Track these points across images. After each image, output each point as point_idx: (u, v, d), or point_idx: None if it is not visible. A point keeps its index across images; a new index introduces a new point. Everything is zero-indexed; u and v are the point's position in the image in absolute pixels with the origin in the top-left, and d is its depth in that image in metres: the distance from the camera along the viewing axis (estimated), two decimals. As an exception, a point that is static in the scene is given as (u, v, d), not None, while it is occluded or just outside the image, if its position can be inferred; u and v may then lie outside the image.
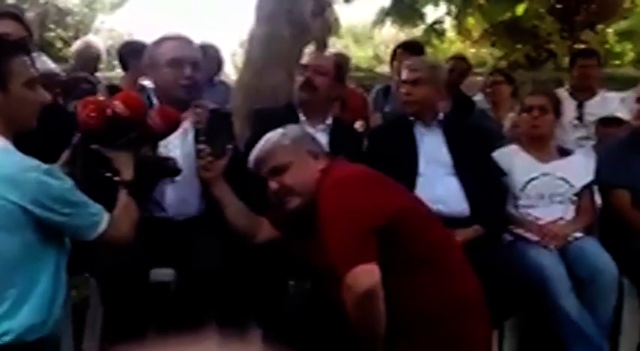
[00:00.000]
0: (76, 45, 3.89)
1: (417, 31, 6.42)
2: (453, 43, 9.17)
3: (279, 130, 1.82)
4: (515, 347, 2.24)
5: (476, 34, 8.20)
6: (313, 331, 1.73)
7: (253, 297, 1.99)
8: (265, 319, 1.95)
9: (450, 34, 7.56)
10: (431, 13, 6.18)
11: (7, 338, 1.37)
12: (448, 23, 6.50)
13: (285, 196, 1.72)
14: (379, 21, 6.05)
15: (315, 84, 2.35)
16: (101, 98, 1.77)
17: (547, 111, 2.49)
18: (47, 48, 7.66)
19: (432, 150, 2.36)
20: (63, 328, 1.74)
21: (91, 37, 4.71)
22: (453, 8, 6.01)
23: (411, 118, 2.42)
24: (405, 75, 2.42)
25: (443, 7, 6.05)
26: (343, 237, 1.50)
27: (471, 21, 6.56)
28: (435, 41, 6.47)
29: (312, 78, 2.34)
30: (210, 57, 3.86)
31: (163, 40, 2.12)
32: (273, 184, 1.74)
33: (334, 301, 1.56)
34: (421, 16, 6.01)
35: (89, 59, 3.72)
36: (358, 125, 3.28)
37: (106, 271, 1.84)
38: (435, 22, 6.26)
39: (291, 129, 1.84)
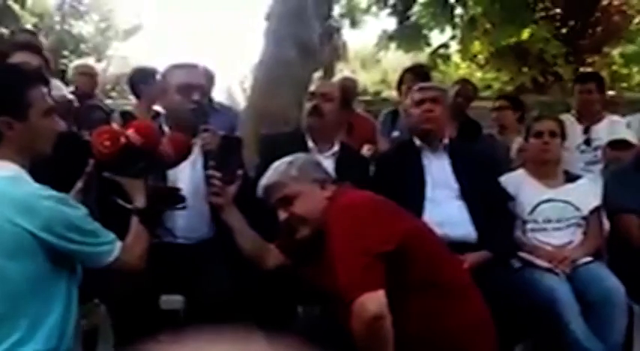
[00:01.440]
0: (75, 67, 3.92)
1: (423, 56, 6.49)
2: (458, 68, 9.25)
3: (287, 159, 1.84)
4: (525, 373, 2.22)
5: (481, 58, 8.27)
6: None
7: (262, 322, 1.99)
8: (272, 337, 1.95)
9: (456, 58, 7.64)
10: (436, 37, 6.26)
11: (17, 368, 1.38)
12: (454, 48, 6.58)
13: (294, 225, 1.75)
14: (383, 45, 6.11)
15: (322, 110, 2.39)
16: (115, 127, 1.81)
17: (556, 135, 2.52)
18: (62, 75, 7.80)
19: (439, 175, 2.38)
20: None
21: (92, 61, 4.80)
22: (458, 33, 6.09)
23: (418, 144, 2.45)
24: (421, 94, 2.43)
25: (448, 32, 6.13)
26: (350, 264, 1.52)
27: (476, 45, 6.64)
28: (442, 66, 6.54)
29: (319, 105, 2.39)
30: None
31: (173, 67, 2.21)
32: (283, 214, 1.77)
33: (342, 325, 1.57)
34: (426, 41, 6.08)
35: (88, 81, 3.76)
36: (366, 150, 3.31)
37: (117, 298, 1.86)
38: (440, 46, 6.33)
39: (298, 158, 1.86)
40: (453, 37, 6.12)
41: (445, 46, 6.29)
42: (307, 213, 1.73)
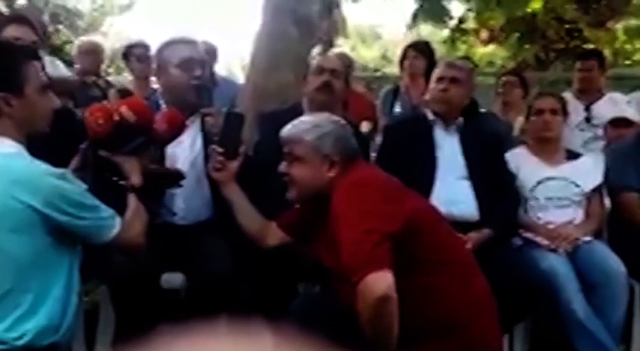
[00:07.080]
0: (80, 45, 3.77)
1: (425, 30, 6.46)
2: (463, 43, 9.12)
3: (316, 121, 1.76)
4: (526, 352, 2.22)
5: (485, 35, 8.16)
6: (322, 334, 1.72)
7: (262, 300, 1.99)
8: (274, 321, 1.95)
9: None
10: (455, 9, 6.29)
11: (21, 342, 1.39)
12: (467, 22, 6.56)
13: (286, 182, 1.76)
14: (413, 26, 6.17)
15: (334, 87, 2.34)
16: (108, 104, 1.78)
17: (557, 113, 2.49)
18: (57, 51, 7.70)
19: (449, 153, 2.34)
20: (75, 334, 1.75)
21: (95, 37, 4.70)
22: (474, 5, 6.05)
23: (431, 118, 2.40)
24: (443, 72, 2.36)
25: (464, 5, 6.12)
26: (357, 243, 1.50)
27: (485, 19, 6.58)
28: (460, 40, 6.55)
29: (331, 81, 2.34)
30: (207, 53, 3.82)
31: (171, 43, 2.16)
32: (283, 166, 1.77)
33: (346, 303, 1.56)
34: (449, 15, 6.08)
35: (93, 59, 3.68)
36: (364, 126, 3.27)
37: (117, 277, 1.85)
38: (460, 21, 6.33)
39: (328, 126, 1.76)
40: (469, 10, 6.07)
41: (462, 20, 6.27)
42: (300, 180, 1.73)
